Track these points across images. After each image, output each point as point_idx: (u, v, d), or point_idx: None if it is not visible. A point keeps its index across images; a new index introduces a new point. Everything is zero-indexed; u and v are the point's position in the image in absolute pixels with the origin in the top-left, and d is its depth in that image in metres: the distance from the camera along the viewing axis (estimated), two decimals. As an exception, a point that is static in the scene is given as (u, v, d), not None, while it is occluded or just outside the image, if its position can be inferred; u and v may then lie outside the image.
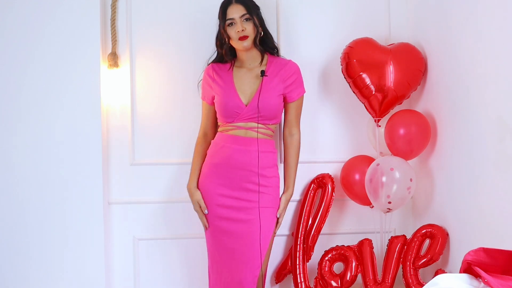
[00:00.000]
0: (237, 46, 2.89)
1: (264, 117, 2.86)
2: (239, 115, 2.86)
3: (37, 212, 3.16)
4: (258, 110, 2.82)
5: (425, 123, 3.13)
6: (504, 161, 2.50)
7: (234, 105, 2.86)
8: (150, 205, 3.32)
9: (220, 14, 2.89)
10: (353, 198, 3.30)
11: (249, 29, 2.85)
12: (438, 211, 3.13)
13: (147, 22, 3.31)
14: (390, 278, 3.10)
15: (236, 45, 2.89)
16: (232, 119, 2.88)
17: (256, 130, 2.86)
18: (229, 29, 2.86)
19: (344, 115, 3.40)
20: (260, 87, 2.85)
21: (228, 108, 2.86)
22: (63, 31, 3.17)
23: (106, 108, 3.27)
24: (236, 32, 2.84)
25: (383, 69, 3.10)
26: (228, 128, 2.89)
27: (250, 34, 2.85)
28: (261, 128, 2.87)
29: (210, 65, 3.00)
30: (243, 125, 2.87)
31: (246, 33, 2.84)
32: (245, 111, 2.85)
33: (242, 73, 2.94)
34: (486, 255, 1.87)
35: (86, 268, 3.17)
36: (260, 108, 2.83)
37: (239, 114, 2.86)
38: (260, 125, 2.86)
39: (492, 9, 2.57)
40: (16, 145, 3.16)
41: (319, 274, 3.18)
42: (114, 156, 3.29)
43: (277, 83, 2.89)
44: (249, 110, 2.85)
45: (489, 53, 2.60)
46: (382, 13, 3.41)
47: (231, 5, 2.86)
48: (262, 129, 2.88)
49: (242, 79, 2.91)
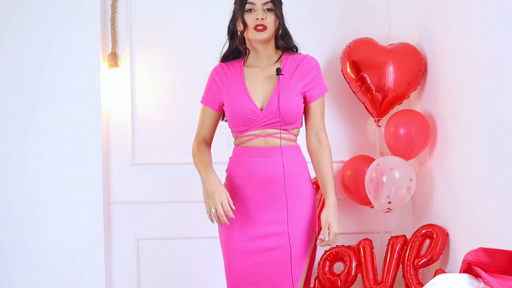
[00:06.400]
0: (253, 37, 2.43)
1: (285, 122, 2.43)
2: (255, 121, 2.42)
3: (38, 212, 3.16)
4: (279, 113, 2.40)
5: (425, 123, 3.13)
6: (504, 161, 2.50)
7: (248, 111, 2.41)
8: (150, 205, 3.32)
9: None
10: (353, 198, 3.30)
11: (269, 20, 2.42)
12: (438, 211, 3.13)
13: (147, 22, 3.31)
14: (390, 278, 3.10)
15: (251, 35, 2.43)
16: (247, 127, 2.43)
17: (277, 136, 2.42)
18: (246, 16, 2.42)
19: (344, 115, 3.41)
20: (277, 87, 2.42)
21: (242, 115, 2.42)
22: (63, 31, 3.17)
23: (106, 108, 3.28)
24: (254, 20, 2.41)
25: (383, 69, 3.10)
26: (245, 139, 2.45)
27: (270, 26, 2.42)
28: (283, 133, 2.44)
29: (218, 65, 2.56)
30: (261, 133, 2.43)
31: (265, 23, 2.40)
32: (261, 116, 2.41)
33: (254, 73, 2.50)
34: (486, 255, 1.87)
35: (86, 268, 3.17)
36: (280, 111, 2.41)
37: (254, 121, 2.42)
38: (282, 131, 2.43)
39: (492, 9, 2.57)
40: (17, 145, 3.16)
41: (319, 274, 3.18)
42: (114, 156, 3.29)
43: (295, 82, 2.46)
44: (266, 115, 2.41)
45: (489, 53, 2.60)
46: (382, 13, 3.41)
47: None
48: (285, 134, 2.44)
49: (254, 80, 2.48)
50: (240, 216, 2.40)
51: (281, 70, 2.44)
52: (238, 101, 2.44)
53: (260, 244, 2.39)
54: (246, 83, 2.47)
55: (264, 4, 2.42)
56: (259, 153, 2.43)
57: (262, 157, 2.42)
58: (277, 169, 2.41)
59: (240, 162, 2.46)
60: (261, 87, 2.47)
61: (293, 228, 2.38)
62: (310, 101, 2.48)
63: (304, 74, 2.47)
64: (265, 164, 2.42)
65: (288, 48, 2.53)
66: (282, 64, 2.49)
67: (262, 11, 2.41)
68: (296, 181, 2.44)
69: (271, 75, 2.47)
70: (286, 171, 2.40)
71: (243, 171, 2.44)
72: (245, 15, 2.42)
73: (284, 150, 2.42)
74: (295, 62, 2.49)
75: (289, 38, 2.52)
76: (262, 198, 2.41)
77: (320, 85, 2.50)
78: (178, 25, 3.32)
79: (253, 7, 2.42)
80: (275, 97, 2.41)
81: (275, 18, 2.43)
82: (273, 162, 2.41)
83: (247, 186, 2.43)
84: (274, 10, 2.43)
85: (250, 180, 2.42)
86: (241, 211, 2.40)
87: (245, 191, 2.43)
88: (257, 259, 2.40)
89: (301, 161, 2.47)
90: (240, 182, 2.44)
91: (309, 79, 2.48)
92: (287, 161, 2.42)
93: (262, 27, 2.41)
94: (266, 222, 2.40)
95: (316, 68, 2.51)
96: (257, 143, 2.44)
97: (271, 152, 2.43)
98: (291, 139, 2.47)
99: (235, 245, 2.41)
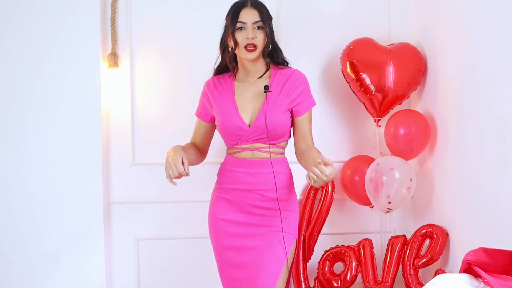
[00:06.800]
0: (243, 55, 2.53)
1: (273, 137, 2.55)
2: (243, 137, 2.55)
3: (38, 212, 3.16)
4: (267, 130, 2.50)
5: (425, 123, 3.13)
6: (504, 161, 2.50)
7: (236, 128, 2.54)
8: (150, 205, 3.32)
9: (230, 16, 2.53)
10: (353, 198, 3.30)
11: (259, 39, 2.50)
12: (438, 211, 3.14)
13: (147, 22, 3.31)
14: (390, 278, 3.10)
15: (242, 54, 2.53)
16: (236, 141, 2.58)
17: (264, 150, 2.56)
18: (237, 34, 2.51)
19: (344, 115, 3.41)
20: (264, 104, 2.52)
21: (230, 131, 2.56)
22: (63, 31, 3.17)
23: (106, 108, 3.28)
24: (245, 39, 2.49)
25: (383, 69, 3.10)
26: (234, 150, 2.61)
27: (260, 45, 2.51)
28: (271, 147, 2.57)
29: (211, 79, 2.67)
30: (249, 147, 2.57)
31: (255, 42, 2.49)
32: (248, 132, 2.54)
33: (243, 88, 2.60)
34: (486, 255, 1.87)
35: (86, 268, 3.17)
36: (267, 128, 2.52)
37: (243, 136, 2.55)
38: (271, 145, 2.56)
39: (492, 9, 2.57)
40: (16, 145, 3.16)
41: (319, 274, 3.18)
42: (114, 156, 3.29)
43: (282, 99, 2.55)
44: (253, 131, 2.53)
45: (489, 53, 2.60)
46: (382, 13, 3.41)
47: (245, 7, 2.52)
48: (272, 148, 2.57)
49: (243, 96, 2.59)
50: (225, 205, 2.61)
51: (269, 87, 2.54)
52: (227, 117, 2.56)
53: (241, 231, 2.58)
54: (236, 98, 2.59)
55: (254, 23, 2.50)
56: (245, 164, 2.58)
57: (248, 168, 2.57)
58: (260, 179, 2.56)
59: (227, 170, 2.63)
60: (250, 104, 2.57)
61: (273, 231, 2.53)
62: (297, 116, 2.58)
63: (291, 90, 2.56)
64: (249, 175, 2.57)
65: (278, 63, 2.62)
66: (271, 79, 2.58)
67: (252, 29, 2.50)
68: (279, 190, 2.56)
69: (260, 91, 2.57)
70: (272, 182, 2.55)
71: (229, 178, 2.61)
72: (236, 33, 2.51)
73: (273, 162, 2.55)
74: (283, 78, 2.58)
75: (279, 53, 2.62)
76: (243, 203, 2.58)
77: (306, 100, 2.58)
78: (178, 25, 3.32)
79: (244, 25, 2.50)
80: (262, 114, 2.52)
81: (264, 36, 2.52)
82: (257, 173, 2.56)
83: (232, 191, 2.60)
84: (264, 28, 2.52)
85: (235, 186, 2.59)
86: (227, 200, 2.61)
87: (230, 195, 2.61)
88: (236, 258, 2.56)
89: (285, 173, 2.61)
90: (227, 187, 2.62)
91: (296, 95, 2.56)
92: (270, 172, 2.55)
93: (252, 47, 2.51)
94: (249, 214, 2.58)
95: (303, 83, 2.59)
96: (244, 155, 2.58)
97: (257, 165, 2.57)
98: (278, 152, 2.60)
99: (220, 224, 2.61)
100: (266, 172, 2.56)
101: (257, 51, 2.52)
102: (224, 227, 2.61)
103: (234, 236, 2.59)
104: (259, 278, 2.48)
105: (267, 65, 2.58)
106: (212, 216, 2.66)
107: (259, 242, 2.55)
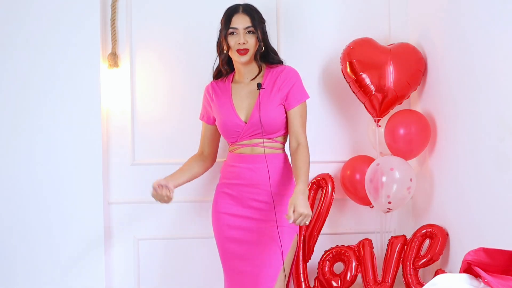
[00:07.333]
0: (235, 58, 2.72)
1: (267, 132, 2.70)
2: (240, 133, 2.72)
3: (38, 212, 3.16)
4: (261, 125, 2.66)
5: (425, 123, 3.13)
6: (504, 161, 2.50)
7: (233, 125, 2.72)
8: (150, 205, 3.31)
9: (223, 21, 2.73)
10: (353, 198, 3.30)
11: (250, 43, 2.68)
12: (438, 211, 3.14)
13: (147, 22, 3.30)
14: (390, 278, 3.10)
15: (234, 57, 2.73)
16: (235, 138, 2.75)
17: (261, 145, 2.71)
18: (230, 38, 2.70)
19: (344, 115, 3.41)
20: (258, 101, 2.69)
21: (228, 128, 2.73)
22: (63, 31, 3.16)
23: (106, 108, 3.27)
24: (236, 44, 2.68)
25: (383, 69, 3.10)
26: (235, 147, 2.77)
27: (251, 48, 2.69)
28: (267, 142, 2.71)
29: (210, 84, 2.87)
30: (248, 143, 2.73)
31: (247, 46, 2.68)
32: (245, 129, 2.71)
33: (239, 88, 2.78)
34: (486, 255, 1.87)
35: (86, 268, 3.17)
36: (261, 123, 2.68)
37: (240, 133, 2.72)
38: (265, 140, 2.71)
39: (492, 8, 2.57)
40: (16, 145, 3.15)
41: (319, 274, 3.18)
42: (114, 156, 3.29)
43: (275, 94, 2.71)
44: (250, 127, 2.70)
45: (489, 53, 2.60)
46: (382, 13, 3.41)
47: (237, 14, 2.70)
48: (269, 143, 2.72)
49: (240, 95, 2.76)
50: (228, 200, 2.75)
51: (262, 85, 2.70)
52: (225, 116, 2.74)
53: (242, 224, 2.71)
54: (232, 98, 2.76)
55: (246, 28, 2.68)
56: (245, 159, 2.73)
57: (248, 163, 2.72)
58: (260, 174, 2.70)
59: (229, 166, 2.79)
60: (245, 102, 2.74)
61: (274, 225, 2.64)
62: (289, 109, 2.73)
63: (282, 85, 2.72)
64: (249, 169, 2.71)
65: (273, 63, 2.78)
66: (264, 78, 2.75)
67: (244, 34, 2.68)
68: (279, 185, 2.70)
69: (254, 89, 2.73)
70: (271, 176, 2.68)
71: (231, 174, 2.77)
72: (228, 38, 2.70)
73: (269, 157, 2.69)
74: (275, 75, 2.74)
75: (272, 54, 2.79)
76: (244, 197, 2.73)
77: (298, 94, 2.73)
78: (178, 25, 3.31)
79: (236, 31, 2.69)
80: (256, 111, 2.67)
81: (255, 40, 2.69)
82: (257, 168, 2.70)
83: (234, 186, 2.75)
84: (255, 32, 2.69)
85: (236, 181, 2.74)
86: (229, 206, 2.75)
87: (232, 190, 2.76)
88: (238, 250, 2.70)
89: (284, 168, 2.75)
90: (229, 182, 2.78)
91: (287, 89, 2.72)
92: (271, 167, 2.68)
93: (243, 51, 2.68)
94: (250, 208, 2.71)
95: (294, 77, 2.74)
96: (244, 151, 2.74)
97: (256, 160, 2.71)
98: (276, 147, 2.75)
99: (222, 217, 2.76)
100: (265, 167, 2.68)
101: (249, 54, 2.69)
102: (227, 220, 2.75)
103: (236, 228, 2.72)
104: (261, 272, 2.60)
105: (260, 67, 2.74)
106: (215, 210, 2.80)
107: (261, 236, 2.66)
